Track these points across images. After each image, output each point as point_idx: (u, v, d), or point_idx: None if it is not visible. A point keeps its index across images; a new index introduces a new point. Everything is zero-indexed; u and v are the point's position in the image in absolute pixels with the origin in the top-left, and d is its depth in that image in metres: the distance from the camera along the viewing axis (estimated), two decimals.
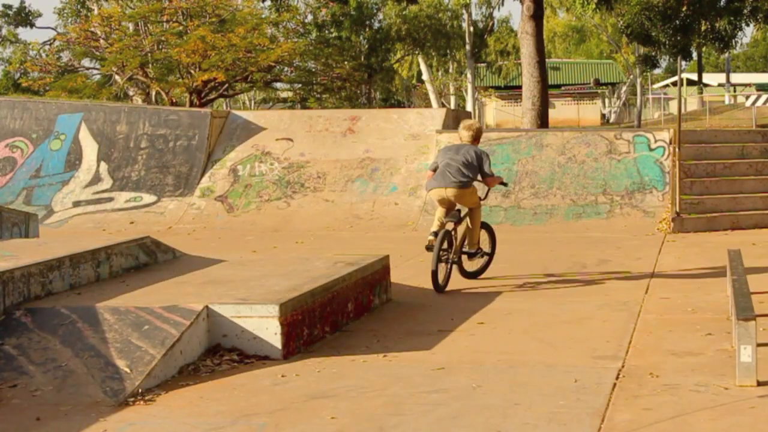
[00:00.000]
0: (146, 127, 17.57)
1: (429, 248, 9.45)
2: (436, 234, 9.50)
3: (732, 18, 22.40)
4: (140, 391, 5.86)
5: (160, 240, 9.19)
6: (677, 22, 22.12)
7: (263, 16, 34.57)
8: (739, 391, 5.71)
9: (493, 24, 47.03)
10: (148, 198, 16.70)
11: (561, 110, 52.14)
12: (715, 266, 10.48)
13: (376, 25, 40.95)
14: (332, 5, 36.45)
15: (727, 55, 45.67)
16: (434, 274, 9.30)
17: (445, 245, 9.49)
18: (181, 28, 32.73)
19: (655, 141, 15.45)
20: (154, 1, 33.46)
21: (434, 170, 9.80)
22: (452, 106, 50.99)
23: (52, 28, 42.25)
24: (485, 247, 10.15)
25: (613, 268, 10.84)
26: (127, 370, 6.01)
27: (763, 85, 57.00)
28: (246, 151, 16.98)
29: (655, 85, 58.48)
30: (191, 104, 31.43)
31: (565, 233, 14.21)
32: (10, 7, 41.17)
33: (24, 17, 40.63)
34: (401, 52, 44.52)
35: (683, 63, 26.45)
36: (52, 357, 6.20)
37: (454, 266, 9.76)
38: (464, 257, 9.97)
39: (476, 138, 9.94)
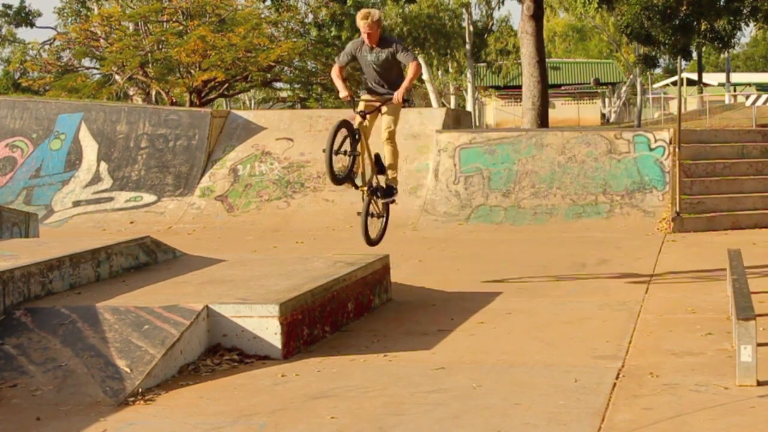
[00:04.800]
0: (146, 126, 17.56)
1: None
2: None
3: (732, 18, 22.39)
4: (140, 390, 5.86)
5: (160, 240, 9.19)
6: (677, 21, 22.11)
7: (263, 15, 34.57)
8: (739, 390, 5.71)
9: (492, 24, 47.04)
10: (148, 198, 16.69)
11: (561, 110, 52.14)
12: (715, 266, 10.47)
13: None
14: (332, 5, 36.43)
15: (726, 54, 45.66)
16: None
17: None
18: (181, 27, 32.73)
19: (655, 141, 15.45)
20: (154, 0, 33.46)
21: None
22: (452, 106, 50.98)
23: (52, 28, 42.26)
24: None
25: (613, 268, 10.84)
26: (127, 369, 6.01)
27: (763, 85, 57.00)
28: (246, 150, 16.97)
29: (655, 85, 58.47)
30: (191, 104, 31.44)
31: (565, 233, 14.21)
32: (10, 6, 41.19)
33: (24, 17, 40.60)
34: None
35: (683, 63, 26.42)
36: (52, 357, 6.20)
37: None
38: None
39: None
